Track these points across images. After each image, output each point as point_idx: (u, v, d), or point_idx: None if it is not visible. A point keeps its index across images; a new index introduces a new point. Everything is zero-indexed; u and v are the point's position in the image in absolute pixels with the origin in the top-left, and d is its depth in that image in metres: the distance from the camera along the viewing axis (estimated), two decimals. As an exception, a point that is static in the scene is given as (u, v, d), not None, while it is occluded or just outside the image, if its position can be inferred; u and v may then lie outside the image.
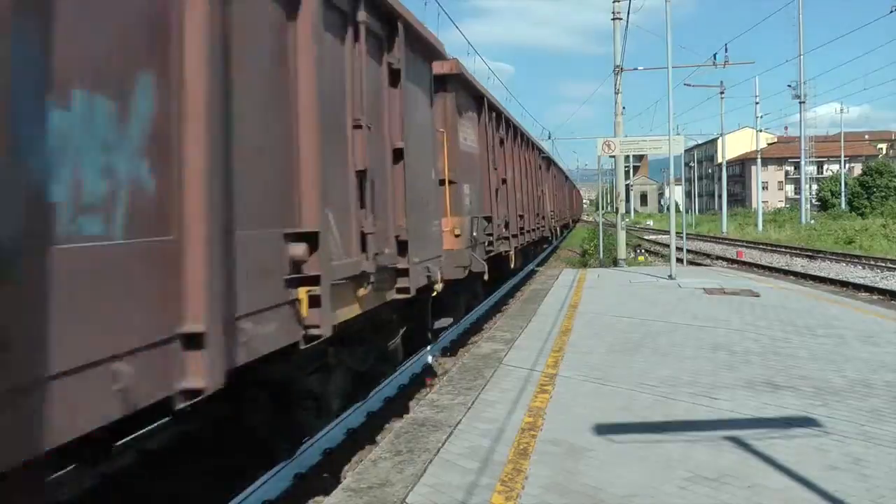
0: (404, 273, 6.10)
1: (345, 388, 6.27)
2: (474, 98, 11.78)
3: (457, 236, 9.72)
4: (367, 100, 5.39)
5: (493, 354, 8.48)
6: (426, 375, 9.11)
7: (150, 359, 2.77)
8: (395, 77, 6.23)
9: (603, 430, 5.50)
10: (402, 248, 6.10)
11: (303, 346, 4.16)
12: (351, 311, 5.11)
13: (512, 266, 15.54)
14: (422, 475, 4.67)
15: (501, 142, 14.01)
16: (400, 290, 6.11)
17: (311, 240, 4.11)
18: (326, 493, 5.43)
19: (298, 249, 4.02)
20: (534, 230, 18.96)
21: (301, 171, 4.19)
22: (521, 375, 7.38)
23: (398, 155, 6.18)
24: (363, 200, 5.25)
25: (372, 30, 5.61)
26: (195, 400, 3.01)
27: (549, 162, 26.71)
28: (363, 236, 5.22)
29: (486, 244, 11.79)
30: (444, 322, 10.59)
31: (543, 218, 22.02)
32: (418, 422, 5.87)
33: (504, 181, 13.88)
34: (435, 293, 7.50)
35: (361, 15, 5.30)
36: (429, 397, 6.83)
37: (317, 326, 4.13)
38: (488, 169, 12.49)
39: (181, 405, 3.00)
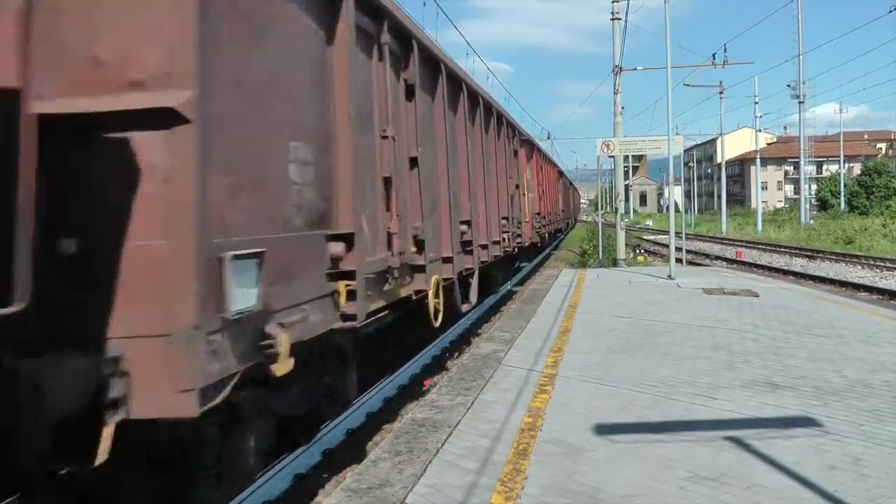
0: (520, 236, 14.62)
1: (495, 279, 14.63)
2: (531, 146, 19.50)
3: (526, 223, 16.60)
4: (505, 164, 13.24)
5: (492, 355, 8.48)
6: (425, 376, 9.11)
7: None
8: (516, 153, 14.70)
9: (602, 430, 5.50)
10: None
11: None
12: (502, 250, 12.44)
13: (544, 243, 26.38)
14: (421, 475, 4.68)
15: (541, 168, 22.42)
16: (519, 243, 14.36)
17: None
18: (326, 493, 5.43)
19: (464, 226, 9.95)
20: (554, 222, 28.44)
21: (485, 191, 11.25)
22: (521, 376, 7.38)
23: (517, 187, 14.30)
24: (513, 207, 13.77)
25: (507, 133, 13.62)
26: None
27: (561, 173, 35.95)
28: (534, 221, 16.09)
29: (538, 229, 20.11)
30: (523, 264, 21.13)
31: (559, 214, 31.84)
32: (418, 422, 5.87)
33: (543, 191, 22.16)
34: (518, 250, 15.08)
35: (503, 127, 13.15)
36: (428, 397, 6.83)
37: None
38: (536, 185, 20.18)
39: None
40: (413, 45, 6.83)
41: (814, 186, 70.69)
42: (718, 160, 77.54)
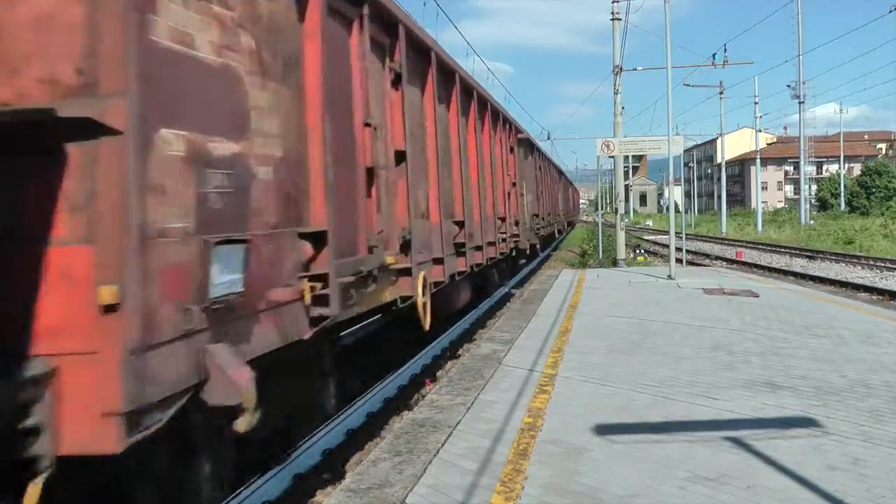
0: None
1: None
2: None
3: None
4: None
5: (492, 355, 8.48)
6: (426, 377, 9.10)
7: None
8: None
9: (602, 430, 5.50)
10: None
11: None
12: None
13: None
14: (421, 476, 4.68)
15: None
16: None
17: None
18: (326, 493, 5.43)
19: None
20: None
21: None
22: (521, 376, 7.38)
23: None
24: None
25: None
26: None
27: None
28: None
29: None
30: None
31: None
32: (418, 422, 5.87)
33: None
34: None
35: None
36: (428, 398, 6.83)
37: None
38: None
39: None
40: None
41: (814, 187, 70.70)
42: (718, 160, 77.51)
